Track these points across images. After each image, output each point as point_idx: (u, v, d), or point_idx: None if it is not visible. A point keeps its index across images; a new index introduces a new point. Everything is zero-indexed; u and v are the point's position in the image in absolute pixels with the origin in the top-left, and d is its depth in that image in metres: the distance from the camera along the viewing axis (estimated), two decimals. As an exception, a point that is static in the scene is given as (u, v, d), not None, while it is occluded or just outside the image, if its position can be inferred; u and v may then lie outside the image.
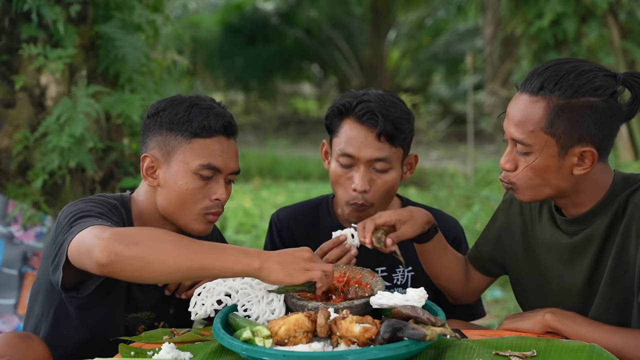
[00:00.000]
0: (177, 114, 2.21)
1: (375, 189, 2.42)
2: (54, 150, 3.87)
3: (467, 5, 13.08)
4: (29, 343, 2.03)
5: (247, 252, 1.93)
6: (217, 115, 2.21)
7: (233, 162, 2.24)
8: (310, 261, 1.96)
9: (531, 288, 2.26)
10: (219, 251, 1.92)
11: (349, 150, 2.40)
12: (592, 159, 1.99)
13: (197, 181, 2.19)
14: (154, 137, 2.23)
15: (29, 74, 3.97)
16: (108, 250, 1.87)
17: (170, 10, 9.08)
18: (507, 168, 2.07)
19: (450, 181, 8.67)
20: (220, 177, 2.22)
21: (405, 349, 1.74)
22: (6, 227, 3.93)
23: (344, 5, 16.60)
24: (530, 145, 1.99)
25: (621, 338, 2.00)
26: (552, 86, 1.96)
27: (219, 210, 2.24)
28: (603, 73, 1.98)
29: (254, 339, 1.83)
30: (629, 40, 8.30)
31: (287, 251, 1.97)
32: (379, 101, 2.40)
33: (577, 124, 1.95)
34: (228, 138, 2.24)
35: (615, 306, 2.06)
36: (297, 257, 1.95)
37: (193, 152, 2.19)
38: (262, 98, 18.87)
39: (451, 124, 15.42)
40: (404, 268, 2.59)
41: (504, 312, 4.94)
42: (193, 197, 2.20)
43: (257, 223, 8.13)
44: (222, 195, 2.21)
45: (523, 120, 1.99)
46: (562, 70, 1.98)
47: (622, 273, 2.04)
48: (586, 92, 1.95)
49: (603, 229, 2.06)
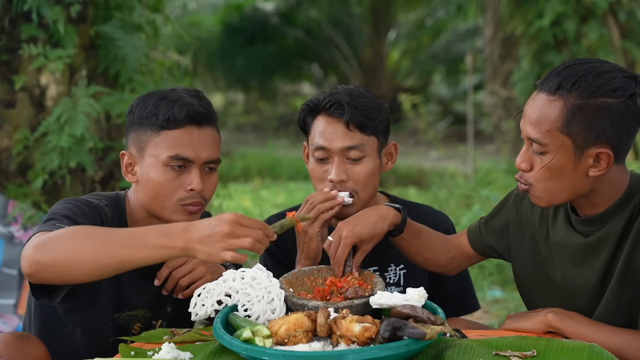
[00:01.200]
0: (147, 108, 2.21)
1: (353, 178, 2.44)
2: (54, 150, 3.87)
3: (467, 5, 13.08)
4: (27, 343, 2.04)
5: (170, 233, 1.84)
6: (182, 105, 2.19)
7: (206, 151, 2.21)
8: (232, 233, 1.81)
9: (537, 286, 2.24)
10: (140, 239, 1.85)
11: (321, 143, 2.43)
12: (607, 161, 1.97)
13: (169, 173, 2.19)
14: (130, 134, 2.26)
15: (29, 74, 3.97)
16: (29, 260, 1.86)
17: (170, 10, 9.09)
18: (523, 168, 2.05)
19: (450, 181, 8.67)
20: (194, 167, 2.21)
21: (405, 348, 1.74)
22: (6, 227, 3.94)
23: (344, 5, 16.60)
24: (546, 144, 1.98)
25: (623, 339, 1.99)
26: (570, 86, 1.94)
27: (198, 201, 2.22)
28: (623, 74, 1.95)
29: (254, 339, 1.83)
30: (629, 40, 8.30)
31: (209, 224, 1.83)
32: (346, 93, 2.45)
33: (594, 125, 1.93)
34: (199, 127, 2.21)
35: (624, 305, 2.05)
36: (216, 232, 1.81)
37: (161, 144, 2.19)
38: (262, 98, 18.86)
39: (451, 124, 15.43)
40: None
41: (504, 312, 4.94)
42: (166, 190, 2.19)
43: (257, 223, 8.10)
44: (197, 185, 2.19)
45: (540, 119, 1.98)
46: (581, 70, 1.96)
47: (633, 271, 2.02)
48: (604, 93, 1.93)
49: (619, 230, 2.04)
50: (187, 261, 2.27)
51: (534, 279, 2.26)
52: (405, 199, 2.72)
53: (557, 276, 2.18)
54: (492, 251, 2.38)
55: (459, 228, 3.08)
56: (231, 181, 10.38)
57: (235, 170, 11.60)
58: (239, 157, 12.69)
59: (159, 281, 2.28)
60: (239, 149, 13.56)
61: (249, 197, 9.60)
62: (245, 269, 2.11)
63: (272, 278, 2.07)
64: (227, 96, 19.16)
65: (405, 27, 17.35)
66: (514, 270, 2.34)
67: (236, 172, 11.49)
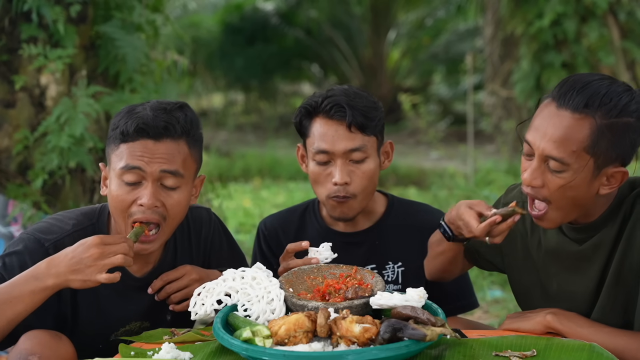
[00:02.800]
0: (114, 123, 2.20)
1: (356, 180, 2.43)
2: (54, 150, 3.87)
3: (467, 5, 13.07)
4: (59, 342, 2.04)
5: (37, 275, 1.97)
6: (136, 118, 2.14)
7: (159, 164, 2.12)
8: (101, 254, 1.95)
9: (533, 294, 2.24)
10: (14, 292, 1.97)
11: (323, 147, 2.42)
12: (621, 179, 1.96)
13: (123, 186, 2.14)
14: (107, 147, 2.24)
15: (29, 74, 3.97)
16: None
17: (170, 10, 9.07)
18: (535, 184, 1.98)
19: (450, 181, 8.67)
20: (147, 182, 2.13)
21: (405, 349, 1.74)
22: (6, 227, 3.93)
23: (344, 5, 16.58)
24: (568, 164, 1.92)
25: (622, 340, 1.99)
26: (597, 104, 1.90)
27: (145, 217, 2.13)
28: (638, 93, 1.95)
29: (254, 339, 1.83)
30: (629, 40, 8.31)
31: (74, 252, 1.96)
32: (344, 94, 2.44)
33: (618, 144, 1.92)
34: (156, 140, 2.13)
35: (619, 307, 2.05)
36: (85, 258, 1.94)
37: (118, 157, 2.16)
38: (262, 98, 18.83)
39: (451, 124, 15.40)
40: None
41: (504, 312, 4.93)
42: (121, 204, 2.15)
43: (257, 223, 8.10)
44: (146, 200, 2.11)
45: (565, 138, 1.91)
46: (601, 87, 1.92)
47: (626, 274, 2.02)
48: (628, 113, 1.91)
49: (612, 236, 2.03)
50: (183, 275, 2.25)
51: (529, 287, 2.26)
52: (404, 198, 2.73)
53: (552, 284, 2.18)
54: (488, 264, 2.38)
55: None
56: (231, 181, 10.36)
57: (235, 170, 11.58)
58: (239, 157, 12.68)
59: (152, 290, 2.26)
60: (239, 149, 13.55)
61: (249, 197, 9.59)
62: (245, 268, 2.11)
63: (272, 278, 2.07)
64: (227, 96, 19.13)
65: (405, 27, 17.33)
66: (510, 280, 2.34)
67: (236, 172, 11.48)
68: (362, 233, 2.59)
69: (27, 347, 1.96)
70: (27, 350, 1.96)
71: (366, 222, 2.59)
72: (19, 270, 2.09)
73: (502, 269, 2.35)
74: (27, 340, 1.99)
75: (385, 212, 2.61)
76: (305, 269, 2.18)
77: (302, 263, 2.24)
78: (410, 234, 2.57)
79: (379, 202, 2.62)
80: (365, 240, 2.58)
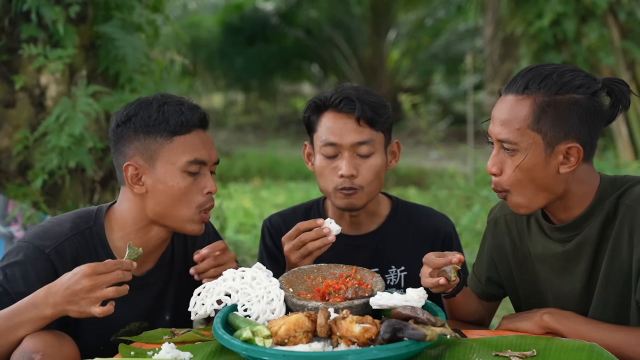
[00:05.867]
0: (151, 116, 2.18)
1: (362, 173, 2.44)
2: (54, 150, 3.87)
3: (467, 5, 13.08)
4: (62, 341, 2.04)
5: (36, 304, 1.99)
6: (190, 109, 2.20)
7: (214, 152, 2.25)
8: (93, 287, 1.94)
9: (529, 302, 2.26)
10: (15, 320, 1.99)
11: (331, 139, 2.43)
12: (577, 157, 2.00)
13: (187, 178, 2.18)
14: (131, 144, 2.20)
15: (29, 74, 3.97)
16: None
17: (170, 10, 9.08)
18: (494, 171, 2.07)
19: (450, 181, 8.68)
20: (206, 170, 2.22)
21: (405, 349, 1.74)
22: (6, 227, 3.93)
23: (344, 5, 16.58)
24: (516, 143, 2.01)
25: (621, 336, 2.00)
26: (537, 84, 2.00)
27: (212, 204, 2.24)
28: (584, 74, 2.02)
29: (254, 339, 1.83)
30: (629, 40, 8.30)
31: (68, 282, 1.95)
32: (353, 89, 2.47)
33: (563, 120, 1.98)
34: (204, 130, 2.24)
35: (612, 308, 2.07)
36: (78, 290, 1.94)
37: (177, 150, 2.17)
38: (262, 98, 18.85)
39: (451, 124, 15.41)
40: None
41: (504, 312, 4.93)
42: (187, 196, 2.18)
43: (257, 223, 8.12)
44: (213, 187, 2.21)
45: (509, 119, 2.02)
46: (545, 70, 2.02)
47: (617, 274, 2.04)
48: (570, 89, 1.99)
49: (595, 233, 2.06)
50: (226, 262, 2.23)
51: (524, 295, 2.29)
52: (407, 200, 2.72)
53: (545, 288, 2.20)
54: (493, 286, 2.38)
55: (459, 228, 3.09)
56: (231, 181, 10.37)
57: (235, 170, 11.59)
58: (239, 157, 12.68)
59: (199, 258, 2.22)
60: (239, 149, 13.56)
61: (249, 197, 9.60)
62: (245, 268, 2.11)
63: (271, 278, 2.07)
64: (227, 96, 19.15)
65: (405, 27, 17.34)
66: (507, 291, 2.36)
67: (236, 172, 11.49)
68: (366, 236, 2.58)
69: (31, 346, 1.97)
70: (30, 348, 1.96)
71: (370, 225, 2.59)
72: (21, 281, 2.09)
73: (502, 286, 2.37)
74: (30, 339, 1.99)
75: (390, 215, 2.61)
76: (305, 269, 2.18)
77: (315, 235, 2.26)
78: (413, 238, 2.58)
79: (383, 204, 2.62)
80: (368, 243, 2.57)
